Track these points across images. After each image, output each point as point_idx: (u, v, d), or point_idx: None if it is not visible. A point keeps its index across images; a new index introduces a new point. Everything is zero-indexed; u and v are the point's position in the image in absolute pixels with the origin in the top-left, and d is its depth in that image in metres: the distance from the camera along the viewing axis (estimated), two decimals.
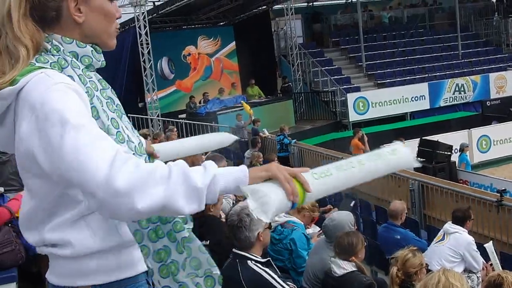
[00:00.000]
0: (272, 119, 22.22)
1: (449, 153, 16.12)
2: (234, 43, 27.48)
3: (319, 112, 27.47)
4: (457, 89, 28.25)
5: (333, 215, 6.66)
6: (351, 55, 30.06)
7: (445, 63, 30.38)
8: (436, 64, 30.20)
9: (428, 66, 29.93)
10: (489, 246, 6.90)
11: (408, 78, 28.96)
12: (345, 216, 6.44)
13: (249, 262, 4.39)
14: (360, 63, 29.25)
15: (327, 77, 27.89)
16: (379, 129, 24.61)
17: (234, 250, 4.48)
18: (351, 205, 10.09)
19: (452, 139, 19.35)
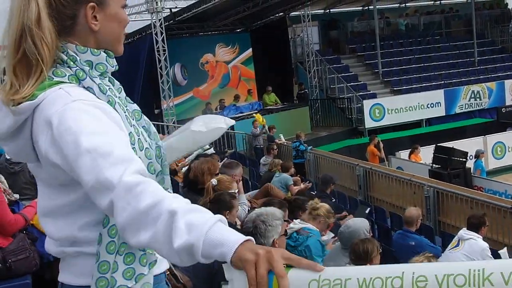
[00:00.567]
0: (288, 125, 22.30)
1: (464, 159, 16.10)
2: (250, 49, 27.43)
3: (335, 118, 27.58)
4: (472, 96, 28.21)
5: (349, 222, 6.71)
6: (367, 62, 30.05)
7: (461, 70, 30.31)
8: (452, 71, 30.14)
9: (444, 73, 29.88)
10: (504, 253, 6.94)
11: (424, 85, 28.96)
12: (360, 223, 6.49)
13: None
14: (376, 70, 29.23)
15: (343, 84, 27.94)
16: (395, 135, 24.64)
17: None
18: (366, 212, 10.16)
19: (467, 145, 19.31)
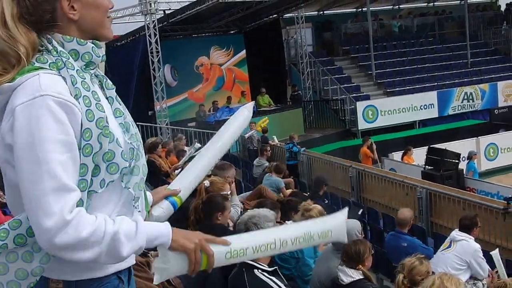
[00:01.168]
0: (282, 127, 22.29)
1: (457, 161, 16.12)
2: (244, 51, 27.31)
3: (328, 120, 27.63)
4: (465, 97, 28.28)
5: None
6: (361, 63, 30.08)
7: (454, 71, 30.37)
8: (445, 72, 30.21)
9: (437, 74, 29.95)
10: (495, 254, 6.93)
11: (417, 86, 28.99)
12: (352, 224, 6.49)
13: (255, 271, 4.39)
14: (369, 72, 29.23)
15: (336, 86, 27.96)
16: (388, 137, 24.63)
17: None
18: (359, 213, 10.17)
19: (460, 147, 19.36)
